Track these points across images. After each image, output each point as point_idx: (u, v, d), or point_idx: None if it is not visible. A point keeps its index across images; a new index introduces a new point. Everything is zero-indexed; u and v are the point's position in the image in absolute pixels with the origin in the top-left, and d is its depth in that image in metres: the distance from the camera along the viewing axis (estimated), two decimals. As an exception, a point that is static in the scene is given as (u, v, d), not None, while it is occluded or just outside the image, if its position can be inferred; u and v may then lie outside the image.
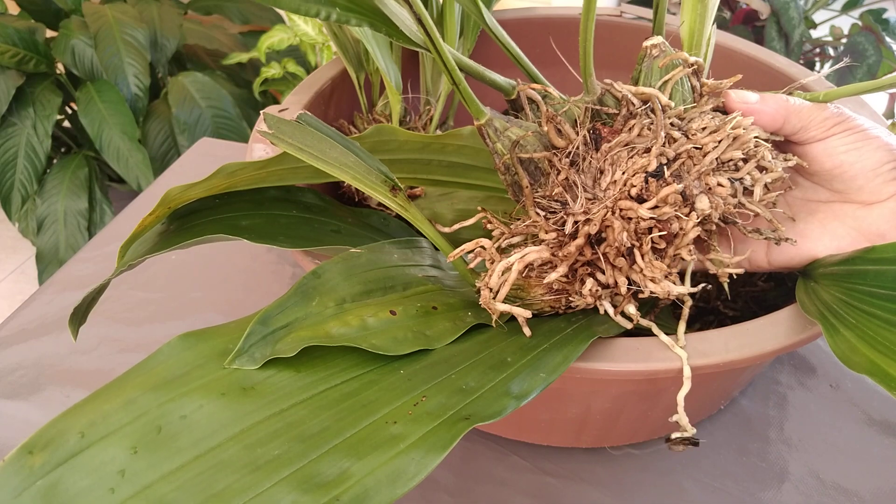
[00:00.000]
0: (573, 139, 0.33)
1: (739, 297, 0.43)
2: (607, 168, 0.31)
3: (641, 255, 0.30)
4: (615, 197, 0.31)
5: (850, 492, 0.42)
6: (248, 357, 0.27)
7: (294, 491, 0.22)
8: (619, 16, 0.58)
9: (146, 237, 0.36)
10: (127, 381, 0.25)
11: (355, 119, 0.56)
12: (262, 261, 0.60)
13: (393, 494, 0.23)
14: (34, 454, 0.22)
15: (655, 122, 0.31)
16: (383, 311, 0.30)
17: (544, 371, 0.28)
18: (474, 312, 0.32)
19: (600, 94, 0.34)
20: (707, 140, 0.31)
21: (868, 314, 0.28)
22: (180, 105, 1.31)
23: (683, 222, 0.30)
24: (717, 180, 0.31)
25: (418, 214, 0.34)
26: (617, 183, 0.31)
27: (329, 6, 0.30)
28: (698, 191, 0.30)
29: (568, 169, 0.32)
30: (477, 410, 0.26)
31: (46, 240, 1.33)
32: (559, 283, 0.32)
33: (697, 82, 0.33)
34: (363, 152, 0.33)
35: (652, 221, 0.30)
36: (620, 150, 0.31)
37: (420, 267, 0.34)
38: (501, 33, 0.36)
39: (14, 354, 0.52)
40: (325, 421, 0.25)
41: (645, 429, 0.43)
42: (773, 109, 0.33)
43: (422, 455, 0.24)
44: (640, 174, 0.30)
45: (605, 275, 0.31)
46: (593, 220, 0.31)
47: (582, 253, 0.31)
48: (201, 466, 0.23)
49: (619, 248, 0.30)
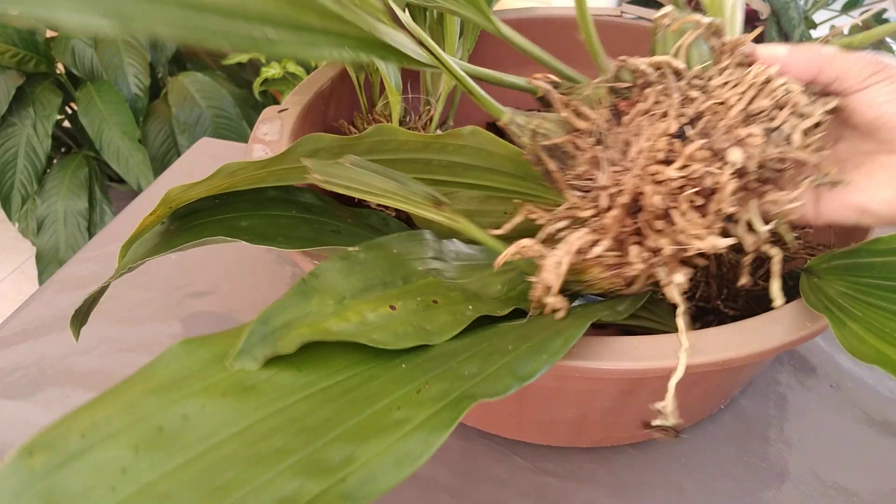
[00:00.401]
0: (593, 119, 0.33)
1: (739, 297, 0.43)
2: (632, 139, 0.32)
3: (681, 214, 0.30)
4: (643, 164, 0.31)
5: (850, 492, 0.42)
6: (249, 357, 0.27)
7: (298, 477, 0.22)
8: (619, 16, 0.58)
9: (147, 237, 0.36)
10: (128, 385, 0.25)
11: (355, 119, 0.56)
12: (262, 261, 0.60)
13: (399, 475, 0.23)
14: (34, 455, 0.22)
15: (667, 84, 0.31)
16: (383, 307, 0.30)
17: (546, 353, 0.28)
18: (475, 306, 0.32)
19: (615, 71, 0.34)
20: (729, 94, 0.31)
21: (874, 306, 0.28)
22: (180, 105, 1.31)
23: (717, 176, 0.30)
24: (747, 131, 0.30)
25: (467, 223, 0.34)
26: (643, 151, 0.31)
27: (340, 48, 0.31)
28: (728, 144, 0.30)
29: (593, 147, 0.33)
30: (480, 391, 0.26)
31: (46, 240, 1.33)
32: (612, 258, 0.32)
33: (718, 41, 0.33)
34: (402, 177, 0.34)
35: (683, 180, 0.30)
36: (641, 119, 0.32)
37: (421, 260, 0.34)
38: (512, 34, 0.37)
39: (14, 354, 0.52)
40: (328, 413, 0.25)
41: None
42: (804, 60, 0.32)
43: (426, 435, 0.24)
44: (664, 138, 0.30)
45: (650, 240, 0.31)
46: (624, 189, 0.31)
47: (624, 224, 0.31)
48: (203, 462, 0.23)
49: (655, 212, 0.30)
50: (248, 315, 0.29)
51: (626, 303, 0.34)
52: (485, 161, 0.38)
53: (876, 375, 0.48)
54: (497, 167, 0.38)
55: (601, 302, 0.36)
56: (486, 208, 0.44)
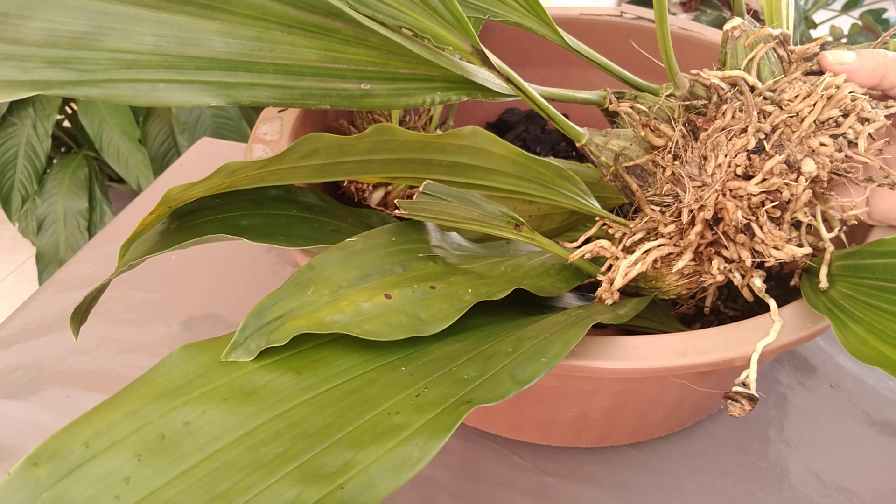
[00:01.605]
0: (671, 136, 0.34)
1: (740, 297, 0.43)
2: (709, 154, 0.33)
3: (760, 228, 0.32)
4: (722, 180, 0.32)
5: (850, 492, 0.42)
6: (243, 349, 0.27)
7: (298, 484, 0.23)
8: (619, 16, 0.58)
9: (146, 237, 0.36)
10: (130, 392, 0.25)
11: (355, 119, 0.56)
12: (262, 261, 0.60)
13: (397, 481, 0.23)
14: (39, 466, 0.22)
15: (745, 101, 0.33)
16: (378, 296, 0.30)
17: (546, 357, 0.28)
18: (475, 289, 0.32)
19: (689, 86, 0.35)
20: (801, 106, 0.32)
21: (876, 308, 0.28)
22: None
23: (793, 188, 0.31)
24: (818, 141, 0.32)
25: (543, 240, 0.35)
26: (721, 166, 0.32)
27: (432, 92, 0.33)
28: (802, 155, 0.31)
29: (672, 164, 0.34)
30: (479, 395, 0.26)
31: (46, 240, 1.33)
32: (689, 268, 0.34)
33: (785, 52, 0.34)
34: (482, 201, 0.35)
35: (762, 195, 0.31)
36: (718, 135, 0.33)
37: (422, 247, 0.34)
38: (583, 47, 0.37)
39: (14, 354, 0.52)
40: (328, 418, 0.25)
41: (645, 429, 0.43)
42: (870, 67, 0.32)
43: (424, 440, 0.24)
44: (742, 153, 0.32)
45: (729, 251, 0.33)
46: (706, 205, 0.32)
47: (703, 237, 0.33)
48: (205, 469, 0.23)
49: (736, 226, 0.32)
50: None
51: (629, 305, 0.34)
52: (485, 161, 0.38)
53: (876, 375, 0.48)
54: (497, 167, 0.38)
55: (603, 306, 0.36)
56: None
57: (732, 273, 0.34)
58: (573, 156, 0.62)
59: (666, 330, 0.39)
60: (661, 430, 0.44)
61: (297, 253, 0.36)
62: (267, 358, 0.27)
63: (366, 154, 0.36)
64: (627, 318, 0.33)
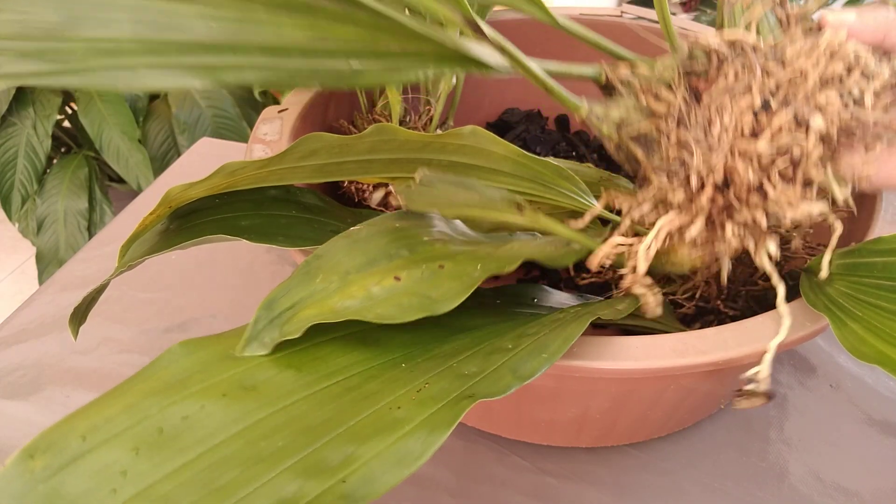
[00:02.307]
0: (672, 101, 0.33)
1: (740, 297, 0.43)
2: (714, 117, 0.32)
3: (773, 187, 0.31)
4: (730, 141, 0.31)
5: (850, 492, 0.42)
6: (258, 343, 0.27)
7: (298, 478, 0.22)
8: (619, 16, 0.58)
9: (146, 237, 0.36)
10: (128, 387, 0.25)
11: (355, 119, 0.56)
12: (263, 261, 0.60)
13: (399, 475, 0.23)
14: (35, 458, 0.22)
15: (747, 59, 0.32)
16: (388, 279, 0.29)
17: (546, 352, 0.28)
18: (483, 265, 0.31)
19: (688, 51, 0.34)
20: (804, 63, 0.31)
21: (875, 306, 0.28)
22: (180, 105, 1.31)
23: (804, 145, 0.30)
24: (825, 96, 0.31)
25: (547, 221, 0.34)
26: (728, 128, 0.31)
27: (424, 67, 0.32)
28: (809, 111, 0.31)
29: (676, 129, 0.33)
30: (480, 390, 0.26)
31: (46, 240, 1.33)
32: (702, 237, 0.33)
33: (783, 12, 0.34)
34: (482, 185, 0.34)
35: (772, 154, 0.31)
36: (722, 97, 0.32)
37: (427, 229, 0.34)
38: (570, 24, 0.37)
39: (14, 354, 0.52)
40: (328, 412, 0.25)
41: (645, 429, 0.43)
42: (873, 24, 0.32)
43: (426, 434, 0.24)
44: (748, 112, 0.31)
45: (742, 215, 0.32)
46: (716, 168, 0.31)
47: (714, 201, 0.32)
48: (204, 463, 0.23)
49: (748, 186, 0.31)
50: (247, 315, 0.29)
51: (627, 302, 0.34)
52: (485, 161, 0.38)
53: (876, 375, 0.48)
54: (497, 167, 0.38)
55: (601, 301, 0.36)
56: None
57: (746, 239, 0.33)
58: (573, 156, 0.62)
59: (666, 330, 0.39)
60: (661, 430, 0.44)
61: (297, 253, 0.36)
62: (267, 355, 0.27)
63: (366, 154, 0.36)
64: (625, 314, 0.33)
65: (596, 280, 0.47)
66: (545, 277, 0.52)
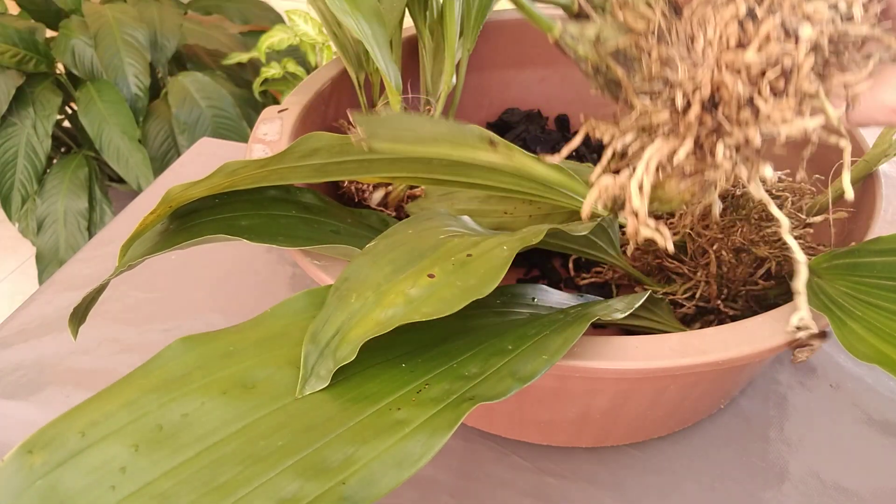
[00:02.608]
0: (652, 17, 0.32)
1: (740, 297, 0.43)
2: (696, 31, 0.31)
3: (764, 100, 0.29)
4: (716, 54, 0.30)
5: (850, 492, 0.42)
6: (315, 378, 0.26)
7: (298, 478, 0.22)
8: (619, 16, 0.58)
9: (146, 237, 0.36)
10: (128, 383, 0.25)
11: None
12: (262, 261, 0.60)
13: (399, 477, 0.23)
14: (34, 453, 0.22)
15: None
16: (422, 278, 0.29)
17: (546, 354, 0.28)
18: (509, 245, 0.31)
19: None
20: None
21: (875, 306, 0.28)
22: (180, 105, 1.31)
23: (794, 55, 0.29)
24: (812, 6, 0.29)
25: (522, 157, 0.33)
26: (712, 41, 0.30)
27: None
28: (797, 21, 0.29)
29: (657, 46, 0.31)
30: (481, 392, 0.26)
31: (46, 240, 1.33)
32: (690, 165, 0.31)
33: None
34: (450, 119, 0.33)
35: (762, 64, 0.29)
36: (703, 8, 0.31)
37: (442, 228, 0.33)
38: None
39: (14, 354, 0.52)
40: (328, 413, 0.25)
41: (645, 429, 0.43)
42: None
43: (427, 437, 0.24)
44: (733, 22, 0.29)
45: (734, 137, 0.30)
46: (702, 83, 0.30)
47: (702, 122, 0.30)
48: (203, 461, 0.23)
49: (738, 102, 0.29)
50: (247, 315, 0.29)
51: (626, 301, 0.34)
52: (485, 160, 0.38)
53: (876, 375, 0.48)
54: (497, 167, 0.38)
55: (601, 301, 0.36)
56: (487, 207, 0.44)
57: (739, 166, 0.31)
58: (573, 156, 0.62)
59: (666, 330, 0.39)
60: (661, 430, 0.44)
61: (297, 253, 0.36)
62: (267, 356, 0.27)
63: (366, 154, 0.36)
64: (626, 313, 0.33)
65: (596, 280, 0.47)
66: (545, 277, 0.52)
